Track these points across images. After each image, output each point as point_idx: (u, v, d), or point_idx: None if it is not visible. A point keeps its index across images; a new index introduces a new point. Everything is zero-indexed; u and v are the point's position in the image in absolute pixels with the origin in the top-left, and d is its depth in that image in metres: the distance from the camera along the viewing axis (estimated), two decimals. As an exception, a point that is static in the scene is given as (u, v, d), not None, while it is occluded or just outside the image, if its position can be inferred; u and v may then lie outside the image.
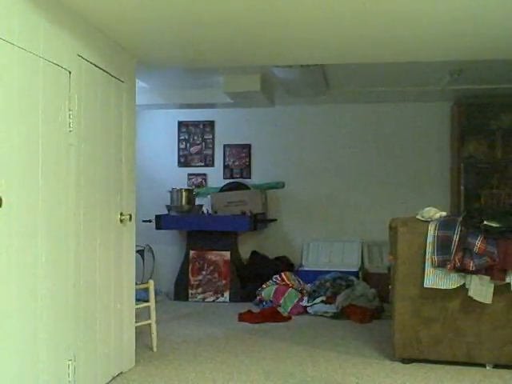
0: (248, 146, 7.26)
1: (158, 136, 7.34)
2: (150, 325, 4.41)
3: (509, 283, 3.82)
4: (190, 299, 6.57)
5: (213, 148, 7.34)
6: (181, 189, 6.69)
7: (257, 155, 7.26)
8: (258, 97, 6.12)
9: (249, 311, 5.80)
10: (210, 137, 7.34)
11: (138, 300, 4.31)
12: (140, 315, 4.51)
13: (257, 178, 7.24)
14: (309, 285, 6.17)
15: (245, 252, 7.03)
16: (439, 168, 6.91)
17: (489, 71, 5.43)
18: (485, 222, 3.86)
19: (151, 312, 4.40)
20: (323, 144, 7.12)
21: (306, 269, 6.68)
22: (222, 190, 7.13)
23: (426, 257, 3.96)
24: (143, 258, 6.74)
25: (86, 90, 3.32)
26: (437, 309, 4.03)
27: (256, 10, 3.21)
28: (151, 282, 4.47)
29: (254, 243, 7.15)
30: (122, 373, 3.88)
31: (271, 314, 5.66)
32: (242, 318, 5.59)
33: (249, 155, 7.26)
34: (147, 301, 4.43)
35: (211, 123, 7.32)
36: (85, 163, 3.33)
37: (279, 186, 7.20)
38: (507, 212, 4.99)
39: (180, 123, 7.37)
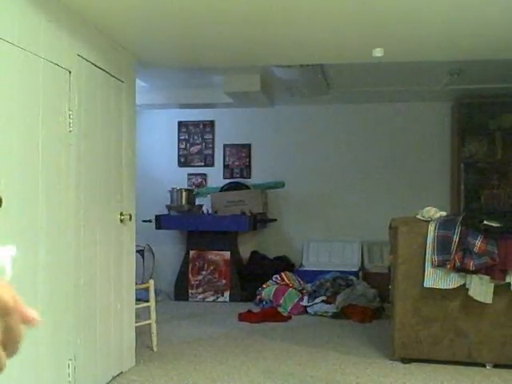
0: (248, 146, 7.25)
1: (158, 136, 7.34)
2: (150, 325, 4.41)
3: (509, 283, 3.81)
4: (190, 299, 6.56)
5: (213, 148, 7.33)
6: (181, 189, 6.68)
7: (257, 155, 7.25)
8: (258, 97, 6.11)
9: (249, 311, 5.80)
10: (210, 137, 7.33)
11: (138, 300, 4.31)
12: (140, 315, 4.51)
13: (257, 178, 7.24)
14: (309, 285, 6.16)
15: (245, 252, 7.02)
16: (439, 168, 6.89)
17: (489, 71, 5.43)
18: (485, 222, 3.86)
19: (151, 312, 4.40)
20: (323, 144, 7.11)
21: (305, 269, 6.67)
22: (222, 189, 7.13)
23: (426, 257, 3.96)
24: (143, 258, 6.74)
25: (86, 89, 3.32)
26: (437, 309, 4.03)
27: (256, 10, 3.21)
28: (151, 281, 4.47)
29: (254, 243, 7.15)
30: (122, 372, 3.88)
31: (271, 314, 5.66)
32: (242, 317, 5.59)
33: (249, 155, 7.26)
34: (147, 301, 4.43)
35: (211, 123, 7.31)
36: (85, 163, 3.33)
37: (279, 185, 7.20)
38: (507, 212, 4.99)
39: (180, 123, 7.36)
